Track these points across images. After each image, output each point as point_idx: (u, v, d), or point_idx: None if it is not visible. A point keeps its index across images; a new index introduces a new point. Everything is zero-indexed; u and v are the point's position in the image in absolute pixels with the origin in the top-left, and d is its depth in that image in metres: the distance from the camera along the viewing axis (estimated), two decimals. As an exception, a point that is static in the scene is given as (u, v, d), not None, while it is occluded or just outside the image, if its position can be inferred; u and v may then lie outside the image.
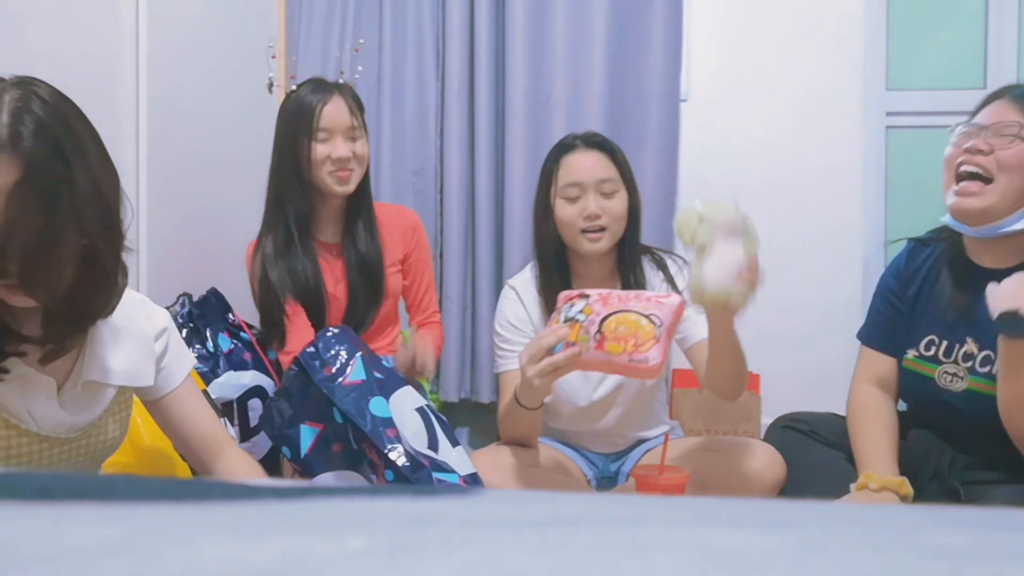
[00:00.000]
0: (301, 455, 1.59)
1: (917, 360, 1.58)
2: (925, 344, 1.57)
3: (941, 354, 1.53)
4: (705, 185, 2.64)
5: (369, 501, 0.48)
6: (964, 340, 1.51)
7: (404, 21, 2.66)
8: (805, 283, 2.61)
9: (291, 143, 1.84)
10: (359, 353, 1.61)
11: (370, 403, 1.55)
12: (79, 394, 1.06)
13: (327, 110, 1.82)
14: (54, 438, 1.04)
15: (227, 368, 1.79)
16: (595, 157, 1.75)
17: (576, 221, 1.72)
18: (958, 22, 2.68)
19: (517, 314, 1.81)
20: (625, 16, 2.57)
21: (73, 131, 0.93)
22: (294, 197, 1.86)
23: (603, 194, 1.72)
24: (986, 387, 1.45)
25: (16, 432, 0.99)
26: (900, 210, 2.66)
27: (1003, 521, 0.48)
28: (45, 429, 1.03)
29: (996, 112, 1.44)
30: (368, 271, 1.91)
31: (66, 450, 1.06)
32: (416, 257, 2.01)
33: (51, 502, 0.43)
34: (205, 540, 0.35)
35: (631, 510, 0.47)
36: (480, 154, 2.58)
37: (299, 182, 1.85)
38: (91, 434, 1.10)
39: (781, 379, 2.55)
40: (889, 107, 2.67)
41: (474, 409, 2.69)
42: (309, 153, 1.82)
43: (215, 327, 1.85)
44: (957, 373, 1.50)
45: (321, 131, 1.82)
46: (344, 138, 1.83)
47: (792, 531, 0.40)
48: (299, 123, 1.82)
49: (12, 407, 0.99)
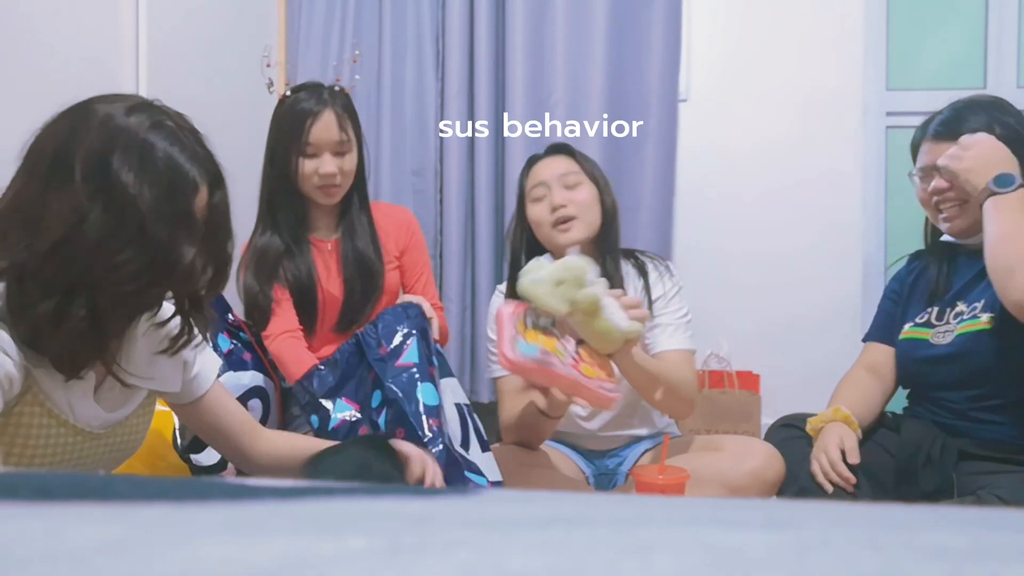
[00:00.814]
0: (328, 428, 1.59)
1: (912, 328, 1.70)
2: (920, 316, 1.70)
3: (934, 318, 1.67)
4: (705, 185, 2.65)
5: (369, 501, 0.48)
6: (955, 304, 1.65)
7: (404, 22, 2.66)
8: (805, 283, 2.61)
9: (282, 153, 1.86)
10: (415, 334, 1.61)
11: (419, 388, 1.54)
12: (115, 394, 1.11)
13: (316, 127, 1.84)
14: (87, 432, 1.08)
15: (226, 369, 1.79)
16: (556, 159, 1.84)
17: (545, 216, 1.78)
18: (958, 22, 2.68)
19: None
20: (624, 16, 2.57)
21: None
22: (284, 204, 1.88)
23: (566, 187, 1.78)
24: (973, 326, 1.58)
25: (56, 422, 1.04)
26: (900, 210, 2.66)
27: (1002, 521, 0.48)
28: (81, 422, 1.07)
29: (929, 152, 1.63)
30: (365, 266, 1.91)
31: (96, 445, 1.10)
32: (412, 254, 2.01)
33: (51, 502, 0.43)
34: (205, 540, 0.35)
35: (631, 510, 0.47)
36: (480, 154, 2.58)
37: (289, 190, 1.87)
38: (119, 433, 1.14)
39: (781, 379, 2.55)
40: (889, 107, 2.67)
41: (474, 409, 2.69)
42: (297, 167, 1.85)
43: (214, 327, 1.85)
44: (948, 329, 1.63)
45: (309, 146, 1.84)
46: (332, 154, 1.85)
47: (792, 531, 0.40)
48: (289, 137, 1.85)
49: (56, 398, 1.03)
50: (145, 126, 0.98)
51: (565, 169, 1.80)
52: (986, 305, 1.57)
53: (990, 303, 1.55)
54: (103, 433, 1.11)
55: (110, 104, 1.00)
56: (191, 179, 1.00)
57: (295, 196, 1.88)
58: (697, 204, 2.65)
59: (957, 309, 1.63)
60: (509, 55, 2.57)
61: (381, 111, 2.64)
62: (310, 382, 1.66)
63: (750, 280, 2.62)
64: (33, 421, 1.02)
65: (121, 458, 1.19)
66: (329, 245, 1.93)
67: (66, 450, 1.06)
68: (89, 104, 1.00)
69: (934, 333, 1.64)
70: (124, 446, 1.16)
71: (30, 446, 1.02)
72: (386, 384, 1.56)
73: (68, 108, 1.01)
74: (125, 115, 0.98)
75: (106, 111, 0.98)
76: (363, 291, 1.90)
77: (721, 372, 2.54)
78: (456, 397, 1.62)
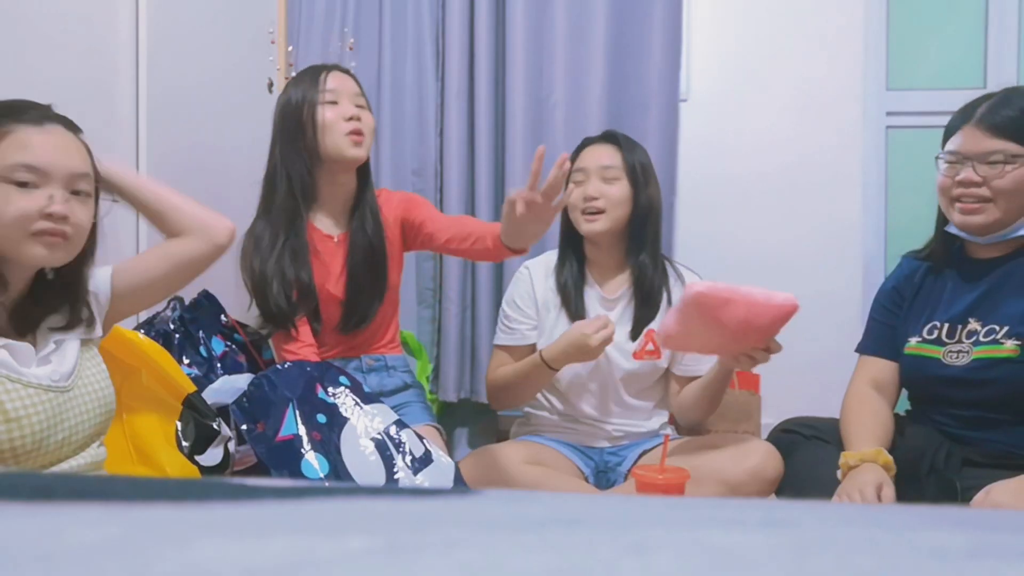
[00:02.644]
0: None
1: (920, 344, 1.60)
2: (927, 330, 1.60)
3: (944, 335, 1.57)
4: (705, 186, 2.65)
5: (369, 501, 0.48)
6: (967, 321, 1.55)
7: (404, 21, 2.66)
8: (805, 283, 2.60)
9: (295, 115, 1.76)
10: (293, 399, 1.52)
11: (301, 464, 1.46)
12: (52, 351, 1.19)
13: (332, 77, 1.78)
14: (56, 388, 1.15)
15: (222, 372, 1.78)
16: (604, 148, 1.89)
17: (578, 203, 1.85)
18: (958, 22, 2.68)
19: (524, 295, 1.92)
20: (625, 16, 2.57)
21: None
22: (295, 169, 1.77)
23: (604, 180, 1.84)
24: (991, 352, 1.49)
25: (22, 385, 1.11)
26: (900, 210, 2.67)
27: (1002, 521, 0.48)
28: (43, 380, 1.14)
29: (971, 139, 1.49)
30: (372, 261, 1.85)
31: (71, 398, 1.17)
32: (416, 209, 1.91)
33: (51, 502, 0.43)
34: (205, 540, 0.35)
35: (631, 510, 0.47)
36: (480, 154, 2.58)
37: (301, 154, 1.77)
38: (83, 384, 1.21)
39: (781, 379, 2.55)
40: (889, 107, 2.67)
41: (474, 409, 2.69)
42: (316, 119, 1.74)
43: (208, 330, 1.82)
44: (962, 350, 1.53)
45: (329, 92, 1.75)
46: (352, 104, 1.77)
47: (792, 531, 0.40)
48: (304, 94, 1.76)
49: (10, 367, 1.12)
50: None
51: (608, 162, 1.85)
52: (1011, 331, 1.48)
53: (1016, 330, 1.48)
54: (69, 385, 1.17)
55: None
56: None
57: (308, 165, 1.77)
58: (697, 205, 2.65)
59: (970, 327, 1.54)
60: (509, 55, 2.57)
61: (381, 111, 2.64)
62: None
63: (750, 280, 2.61)
64: (0, 388, 1.09)
65: (103, 411, 1.23)
66: (336, 239, 1.86)
67: (46, 407, 1.12)
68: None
69: (945, 352, 1.55)
70: (98, 396, 1.22)
71: (9, 411, 1.09)
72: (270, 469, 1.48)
73: None
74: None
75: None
76: (371, 286, 1.85)
77: (721, 372, 2.54)
78: (373, 432, 1.54)
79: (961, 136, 1.51)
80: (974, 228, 1.52)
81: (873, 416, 1.62)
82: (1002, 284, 1.54)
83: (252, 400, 1.55)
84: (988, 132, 1.47)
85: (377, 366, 1.94)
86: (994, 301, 1.53)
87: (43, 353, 1.17)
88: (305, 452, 1.48)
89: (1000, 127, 1.46)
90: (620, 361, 1.86)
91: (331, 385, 1.60)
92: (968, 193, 1.49)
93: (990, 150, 1.47)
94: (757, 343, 1.62)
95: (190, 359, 1.76)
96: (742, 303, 1.54)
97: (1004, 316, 1.51)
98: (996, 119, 1.47)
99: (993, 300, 1.53)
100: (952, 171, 1.52)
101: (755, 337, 1.61)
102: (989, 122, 1.47)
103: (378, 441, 1.54)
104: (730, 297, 1.54)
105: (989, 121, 1.47)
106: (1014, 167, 1.46)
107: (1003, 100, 1.48)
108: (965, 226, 1.53)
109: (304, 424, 1.51)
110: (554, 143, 2.54)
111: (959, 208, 1.52)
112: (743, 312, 1.54)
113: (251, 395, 1.55)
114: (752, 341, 1.61)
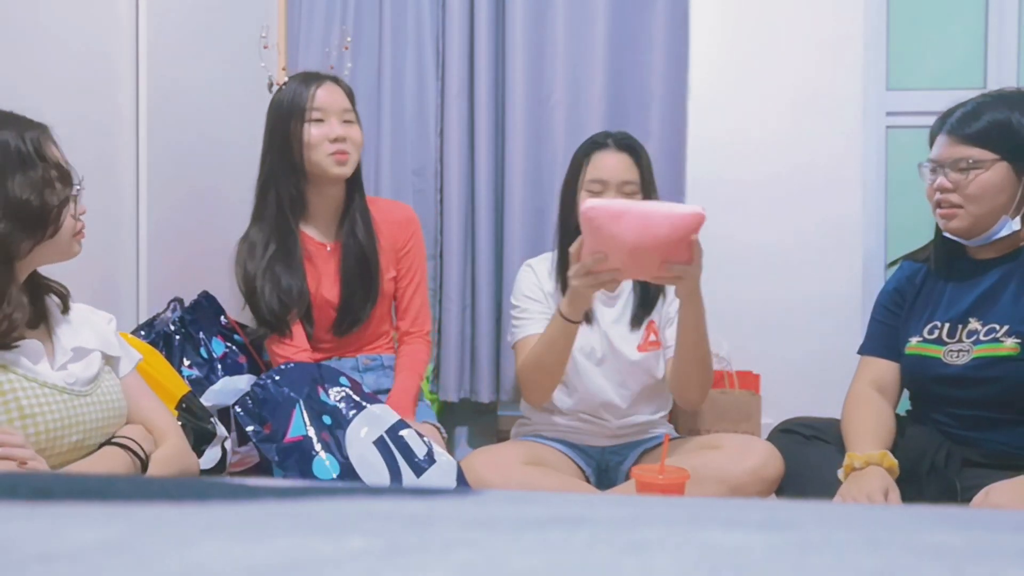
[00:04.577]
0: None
1: (921, 344, 1.62)
2: (928, 330, 1.62)
3: (944, 335, 1.59)
4: (705, 186, 2.64)
5: (369, 501, 0.48)
6: (967, 321, 1.57)
7: (404, 21, 2.65)
8: (805, 283, 2.61)
9: (283, 128, 1.79)
10: (299, 400, 1.53)
11: (313, 464, 1.48)
12: (72, 359, 1.25)
13: (321, 92, 1.80)
14: (73, 391, 1.21)
15: (222, 374, 1.77)
16: (622, 159, 1.84)
17: None
18: (958, 22, 2.68)
19: (533, 285, 1.91)
20: (626, 15, 2.56)
21: None
22: (284, 184, 1.81)
23: (623, 195, 1.81)
24: (994, 350, 1.52)
25: (37, 384, 1.17)
26: (900, 210, 2.66)
27: (1001, 521, 0.48)
28: (60, 382, 1.20)
29: (943, 147, 1.57)
30: (365, 267, 1.87)
31: (86, 403, 1.22)
32: (411, 256, 1.97)
33: (51, 502, 0.43)
34: (205, 540, 0.35)
35: (631, 510, 0.47)
36: (480, 154, 2.58)
37: (290, 169, 1.80)
38: (100, 391, 1.26)
39: (781, 378, 2.55)
40: (889, 107, 2.67)
41: (474, 409, 2.69)
42: (302, 136, 1.77)
43: (208, 331, 1.82)
44: (963, 349, 1.56)
45: (316, 111, 1.78)
46: (339, 120, 1.80)
47: (792, 531, 0.40)
48: (292, 107, 1.78)
49: (24, 367, 1.17)
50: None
51: (627, 176, 1.82)
52: (1011, 330, 1.51)
53: (1016, 328, 1.50)
54: (87, 391, 1.23)
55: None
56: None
57: (296, 178, 1.81)
58: (696, 204, 2.64)
59: (971, 327, 1.56)
60: (509, 55, 2.57)
61: (381, 111, 2.64)
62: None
63: (751, 280, 2.62)
64: (17, 386, 1.14)
65: (115, 418, 1.28)
66: (328, 247, 1.89)
67: (60, 407, 1.18)
68: None
69: (946, 351, 1.57)
70: (113, 405, 1.27)
71: (24, 407, 1.14)
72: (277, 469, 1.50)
73: None
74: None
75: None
76: (363, 291, 1.88)
77: (721, 372, 2.53)
78: (375, 434, 1.55)
79: (937, 144, 1.59)
80: (954, 232, 1.59)
81: (875, 417, 1.63)
82: (1002, 284, 1.57)
83: (256, 402, 1.55)
84: (957, 140, 1.54)
85: (373, 365, 1.95)
86: (994, 300, 1.56)
87: (62, 361, 1.23)
88: (316, 452, 1.50)
89: (968, 135, 1.53)
90: (625, 354, 1.86)
91: (331, 386, 1.60)
92: (944, 199, 1.56)
93: (958, 157, 1.54)
94: (670, 257, 1.52)
95: (191, 360, 1.76)
96: (636, 215, 1.48)
97: (1004, 315, 1.53)
98: (964, 128, 1.54)
99: (993, 299, 1.56)
100: (931, 177, 1.60)
101: (662, 251, 1.51)
102: (958, 131, 1.55)
103: (381, 442, 1.54)
104: (623, 211, 1.49)
105: (958, 130, 1.55)
106: (978, 172, 1.52)
107: (973, 109, 1.55)
108: (947, 230, 1.60)
109: (312, 425, 1.52)
110: (554, 143, 2.54)
111: (939, 214, 1.59)
112: (638, 223, 1.48)
113: (255, 397, 1.56)
114: (661, 255, 1.52)
